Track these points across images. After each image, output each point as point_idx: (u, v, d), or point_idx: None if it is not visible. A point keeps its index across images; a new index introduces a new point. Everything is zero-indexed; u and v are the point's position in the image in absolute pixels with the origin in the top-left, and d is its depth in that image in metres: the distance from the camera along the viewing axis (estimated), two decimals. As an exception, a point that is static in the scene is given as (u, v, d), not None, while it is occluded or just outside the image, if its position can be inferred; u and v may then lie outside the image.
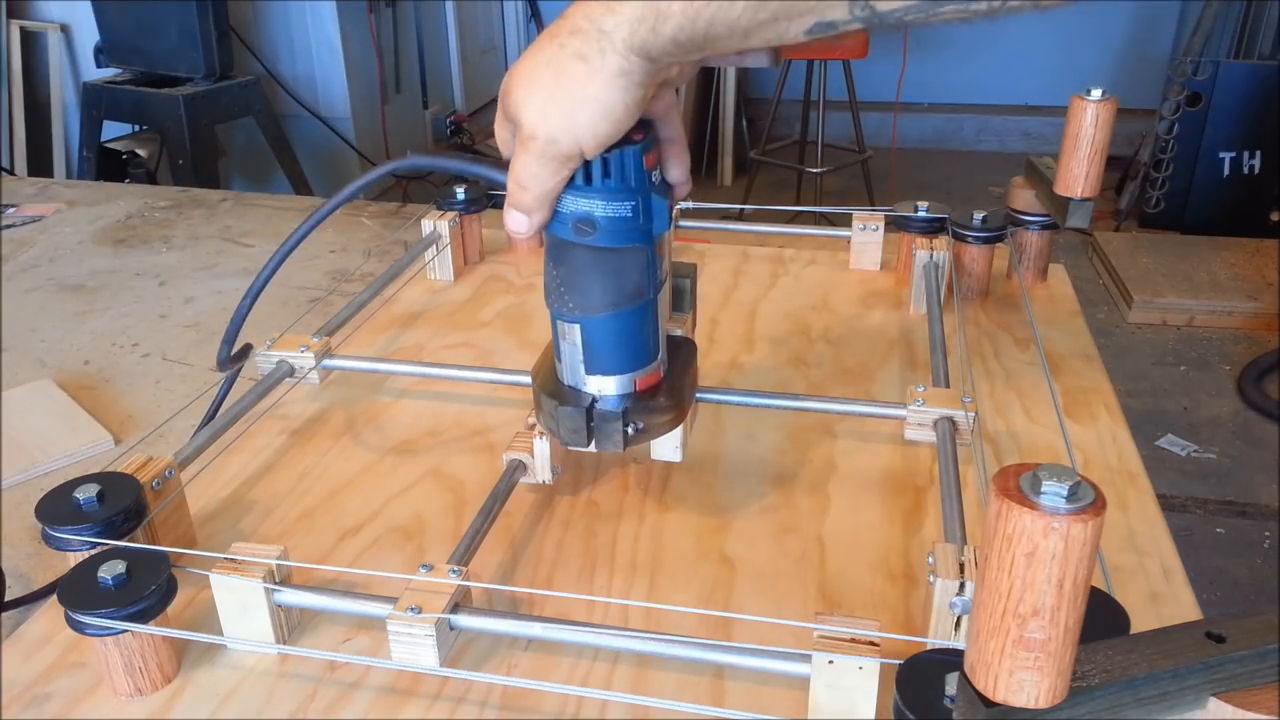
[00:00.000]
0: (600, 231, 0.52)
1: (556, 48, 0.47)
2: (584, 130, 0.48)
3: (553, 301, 0.57)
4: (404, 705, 0.53)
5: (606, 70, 0.46)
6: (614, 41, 0.45)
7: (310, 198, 1.43)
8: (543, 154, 0.49)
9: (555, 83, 0.47)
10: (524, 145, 0.49)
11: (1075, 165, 0.80)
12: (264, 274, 0.62)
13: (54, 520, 0.56)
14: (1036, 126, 4.33)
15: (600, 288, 0.55)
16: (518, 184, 0.50)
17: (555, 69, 0.47)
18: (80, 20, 3.26)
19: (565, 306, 0.56)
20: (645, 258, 0.55)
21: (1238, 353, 2.67)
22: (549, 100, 0.47)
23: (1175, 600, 0.59)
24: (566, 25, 0.47)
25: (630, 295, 0.55)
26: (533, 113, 0.48)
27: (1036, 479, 0.32)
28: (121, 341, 0.99)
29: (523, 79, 0.48)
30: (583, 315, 0.56)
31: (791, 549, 0.63)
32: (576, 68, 0.46)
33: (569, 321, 0.56)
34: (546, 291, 0.57)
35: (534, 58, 0.48)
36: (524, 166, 0.49)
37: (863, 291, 0.97)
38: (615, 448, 0.58)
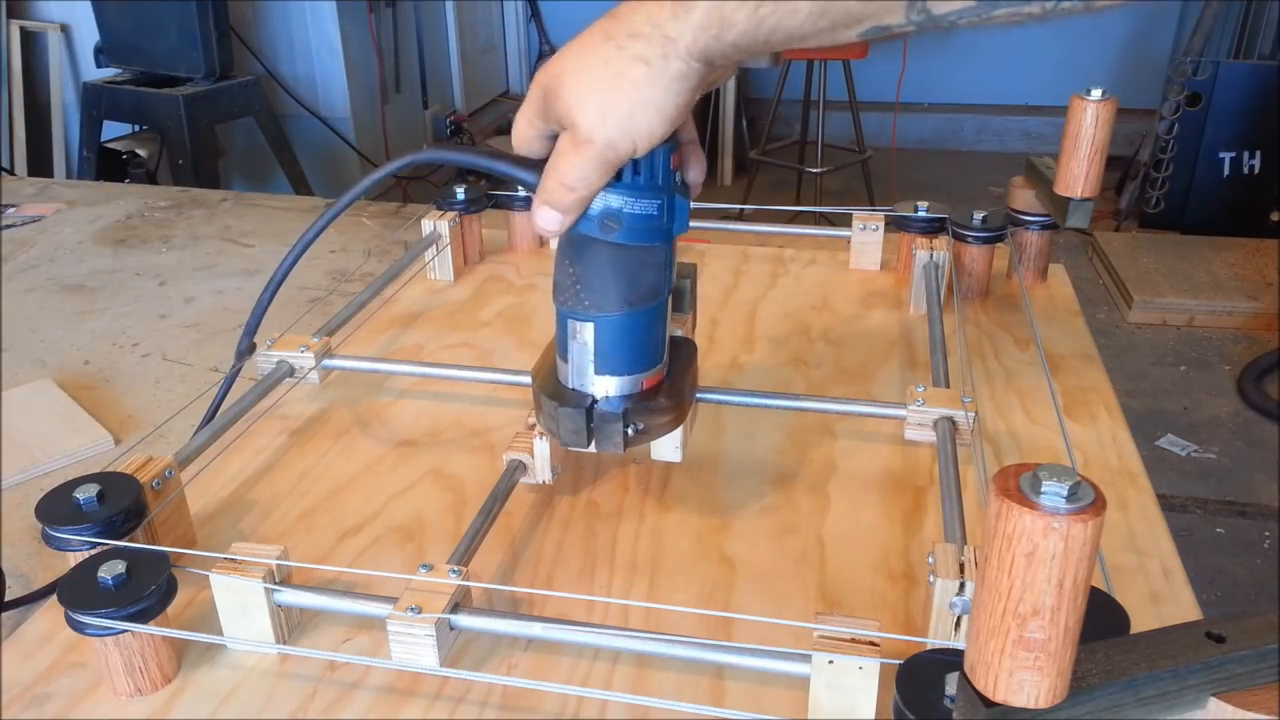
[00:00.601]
0: (625, 229, 0.53)
1: (614, 49, 0.46)
2: (641, 133, 0.48)
3: (567, 299, 0.56)
4: (404, 705, 0.53)
5: (668, 74, 0.46)
6: (678, 47, 0.46)
7: (310, 198, 1.43)
8: (599, 157, 0.49)
9: (614, 85, 0.47)
10: (578, 148, 0.48)
11: (1075, 165, 0.80)
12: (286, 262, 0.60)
13: (54, 520, 0.56)
14: (1036, 126, 4.33)
15: (618, 286, 0.55)
16: (564, 185, 0.50)
17: (614, 71, 0.46)
18: (80, 20, 3.26)
19: (580, 304, 0.56)
20: (664, 257, 0.55)
21: (1238, 353, 2.67)
22: (608, 103, 0.47)
23: (1175, 600, 0.59)
24: (623, 27, 0.46)
25: (646, 295, 0.55)
26: (590, 115, 0.48)
27: (1036, 479, 0.32)
28: (121, 341, 0.99)
29: (576, 79, 0.48)
30: (598, 314, 0.55)
31: (791, 549, 0.63)
32: (637, 71, 0.46)
33: (582, 320, 0.56)
34: (559, 289, 0.57)
35: (586, 58, 0.47)
36: (575, 168, 0.49)
37: (863, 291, 0.97)
38: (615, 449, 0.58)
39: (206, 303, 1.06)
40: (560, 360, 0.59)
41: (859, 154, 3.38)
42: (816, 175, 3.28)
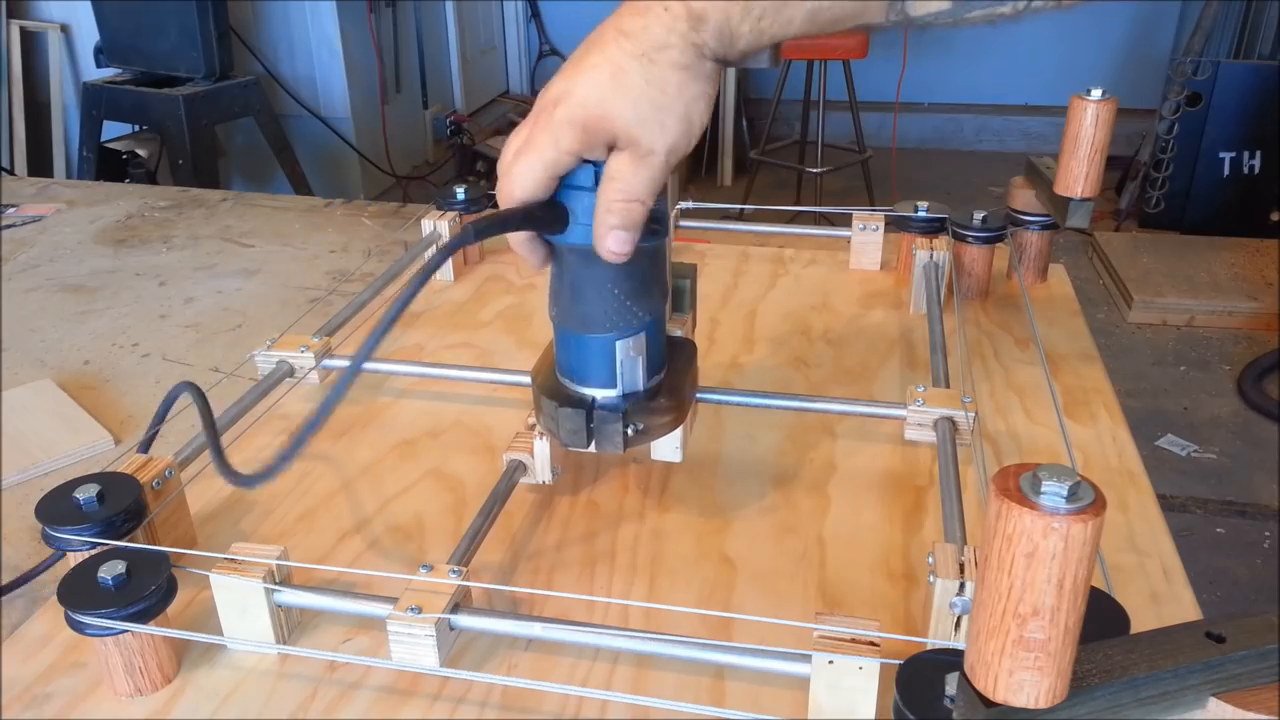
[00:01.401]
0: (664, 227, 0.54)
1: (648, 64, 0.49)
2: (695, 130, 0.51)
3: (618, 321, 0.55)
4: (404, 705, 0.53)
5: (703, 76, 0.50)
6: (705, 51, 0.49)
7: (310, 198, 1.43)
8: (663, 165, 0.51)
9: (664, 96, 0.49)
10: (643, 161, 0.50)
11: (1075, 165, 0.80)
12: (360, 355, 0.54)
13: (54, 520, 0.56)
14: (1036, 126, 4.33)
15: (659, 284, 0.56)
16: (636, 200, 0.51)
17: (660, 84, 0.49)
18: (80, 20, 3.26)
19: (633, 318, 0.55)
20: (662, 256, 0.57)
21: (1238, 353, 2.67)
22: (665, 113, 0.49)
23: (1175, 600, 0.59)
24: (649, 41, 0.48)
25: (664, 291, 0.57)
26: (651, 129, 0.49)
27: (1036, 479, 0.32)
28: (121, 341, 0.99)
29: (624, 102, 0.49)
30: (653, 318, 0.56)
31: (791, 549, 0.63)
32: (679, 77, 0.49)
33: (634, 334, 0.56)
34: (594, 319, 0.55)
35: (624, 80, 0.49)
36: (644, 182, 0.50)
37: (863, 291, 0.97)
38: (615, 449, 0.58)
39: (206, 303, 1.06)
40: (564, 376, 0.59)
41: (859, 154, 3.38)
42: (816, 175, 3.28)
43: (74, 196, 1.40)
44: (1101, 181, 0.81)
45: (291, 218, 1.30)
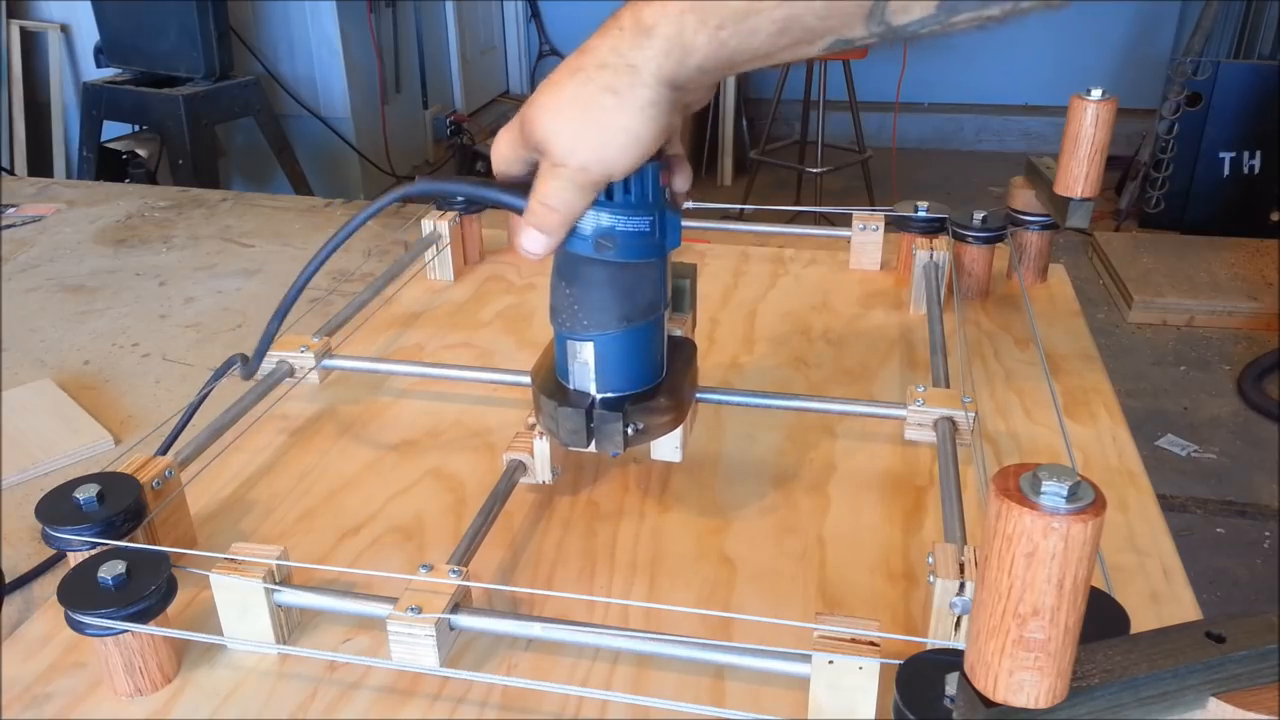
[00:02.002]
0: (619, 247, 0.53)
1: (583, 81, 0.48)
2: (614, 159, 0.50)
3: (565, 321, 0.57)
4: (404, 705, 0.53)
5: (637, 102, 0.48)
6: (643, 75, 0.47)
7: (310, 198, 1.43)
8: (573, 180, 0.50)
9: (586, 115, 0.49)
10: (554, 172, 0.50)
11: (1075, 165, 0.80)
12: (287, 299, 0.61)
13: (54, 520, 0.56)
14: (1036, 126, 4.33)
15: (616, 303, 0.56)
16: (546, 206, 0.51)
17: (584, 102, 0.48)
18: (80, 20, 3.26)
19: (579, 325, 0.56)
20: (658, 272, 0.56)
21: (1238, 353, 2.67)
22: (580, 132, 0.49)
23: (1175, 600, 0.59)
24: (591, 59, 0.48)
25: (644, 310, 0.56)
26: (563, 143, 0.50)
27: (1036, 479, 0.32)
28: (121, 341, 0.99)
29: (550, 112, 0.50)
30: (598, 332, 0.56)
31: (791, 549, 0.63)
32: (607, 100, 0.48)
33: (581, 340, 0.57)
34: (556, 312, 0.58)
35: (558, 92, 0.49)
36: (554, 191, 0.51)
37: (863, 291, 0.97)
38: (615, 449, 0.58)
39: (206, 303, 1.06)
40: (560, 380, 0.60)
41: (859, 154, 3.38)
42: (816, 175, 3.28)
43: (74, 196, 1.40)
44: (1101, 181, 0.81)
45: (291, 218, 1.30)
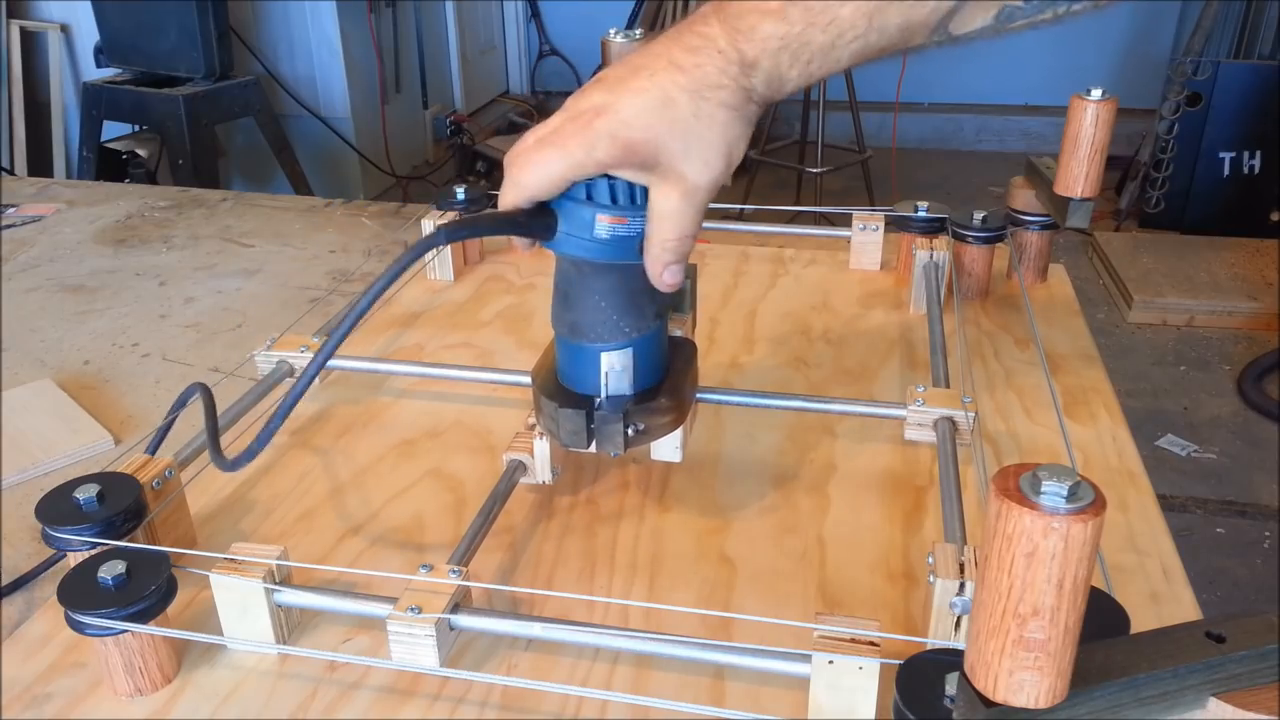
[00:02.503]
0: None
1: (698, 100, 0.49)
2: (733, 167, 0.52)
3: (602, 332, 0.56)
4: (404, 705, 0.53)
5: (748, 118, 0.51)
6: (754, 95, 0.50)
7: (310, 198, 1.43)
8: (707, 201, 0.52)
9: (711, 133, 0.50)
10: (689, 197, 0.51)
11: (1075, 165, 0.80)
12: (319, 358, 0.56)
13: (54, 520, 0.56)
14: (1036, 126, 4.33)
15: (649, 300, 0.56)
16: (685, 236, 0.52)
17: (706, 119, 0.50)
18: (80, 20, 3.26)
19: (619, 332, 0.56)
20: None
21: (1238, 353, 2.67)
22: (711, 150, 0.50)
23: (1175, 600, 0.59)
24: (703, 78, 0.49)
25: (669, 305, 0.58)
26: (697, 164, 0.51)
27: (1036, 479, 0.33)
28: (121, 341, 0.99)
29: (672, 133, 0.50)
30: (638, 335, 0.57)
31: (791, 549, 0.63)
32: (727, 116, 0.50)
33: (621, 348, 0.57)
34: (584, 328, 0.56)
35: (673, 110, 0.49)
36: (691, 218, 0.52)
37: (863, 291, 0.97)
38: (616, 449, 0.58)
39: (206, 303, 1.06)
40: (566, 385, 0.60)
41: (859, 154, 3.38)
42: (816, 175, 3.28)
43: (74, 196, 1.40)
44: (1101, 181, 0.81)
45: (291, 218, 1.30)
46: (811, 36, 0.48)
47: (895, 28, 0.48)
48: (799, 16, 0.48)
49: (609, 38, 0.82)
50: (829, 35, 0.48)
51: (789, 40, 0.48)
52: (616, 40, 0.81)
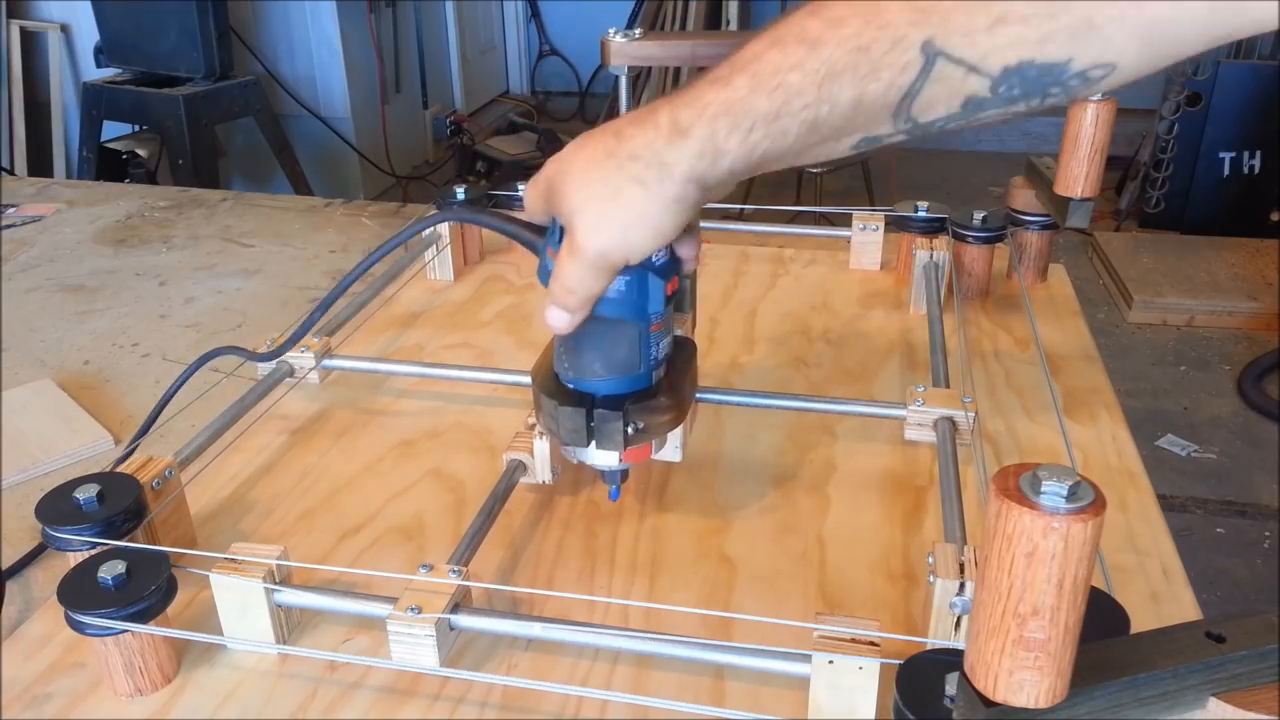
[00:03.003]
0: (603, 303, 0.54)
1: (614, 168, 0.49)
2: (634, 246, 0.51)
3: (558, 363, 0.59)
4: (404, 705, 0.53)
5: (664, 197, 0.49)
6: (673, 172, 0.48)
7: (310, 198, 1.43)
8: (593, 265, 0.51)
9: (611, 202, 0.49)
10: (574, 255, 0.51)
11: (1075, 165, 0.80)
12: None
13: (54, 520, 0.56)
14: (1036, 126, 4.32)
15: (590, 354, 0.57)
16: (565, 288, 0.53)
17: (612, 189, 0.49)
18: (80, 20, 3.26)
19: (563, 368, 0.58)
20: (636, 333, 0.56)
21: (1238, 353, 2.67)
22: (603, 217, 0.50)
23: (1175, 600, 0.59)
24: (626, 148, 0.49)
25: (620, 366, 0.57)
26: (585, 227, 0.50)
27: (1036, 479, 0.32)
28: (121, 341, 0.99)
29: (576, 190, 0.50)
30: (577, 379, 0.58)
31: (791, 549, 0.63)
32: (634, 191, 0.49)
33: (570, 385, 0.58)
34: (555, 353, 0.60)
35: (588, 172, 0.50)
36: (572, 274, 0.52)
37: (863, 291, 0.97)
38: (615, 448, 0.58)
39: (206, 303, 1.06)
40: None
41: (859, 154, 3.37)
42: (816, 175, 3.27)
43: (74, 196, 1.40)
44: (1101, 181, 0.81)
45: (291, 218, 1.30)
46: (755, 103, 0.45)
47: (848, 102, 0.44)
48: (744, 82, 0.46)
49: (609, 37, 0.82)
50: (775, 102, 0.45)
51: (730, 105, 0.46)
52: (616, 40, 0.81)
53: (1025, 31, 0.41)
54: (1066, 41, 0.40)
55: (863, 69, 0.43)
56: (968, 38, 0.41)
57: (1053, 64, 0.41)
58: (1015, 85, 0.42)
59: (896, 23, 0.42)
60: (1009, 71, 0.42)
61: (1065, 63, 0.41)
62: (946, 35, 0.42)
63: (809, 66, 0.44)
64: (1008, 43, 0.41)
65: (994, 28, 0.41)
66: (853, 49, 0.43)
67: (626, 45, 0.81)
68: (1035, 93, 0.42)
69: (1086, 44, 0.40)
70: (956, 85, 0.43)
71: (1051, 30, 0.40)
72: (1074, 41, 0.40)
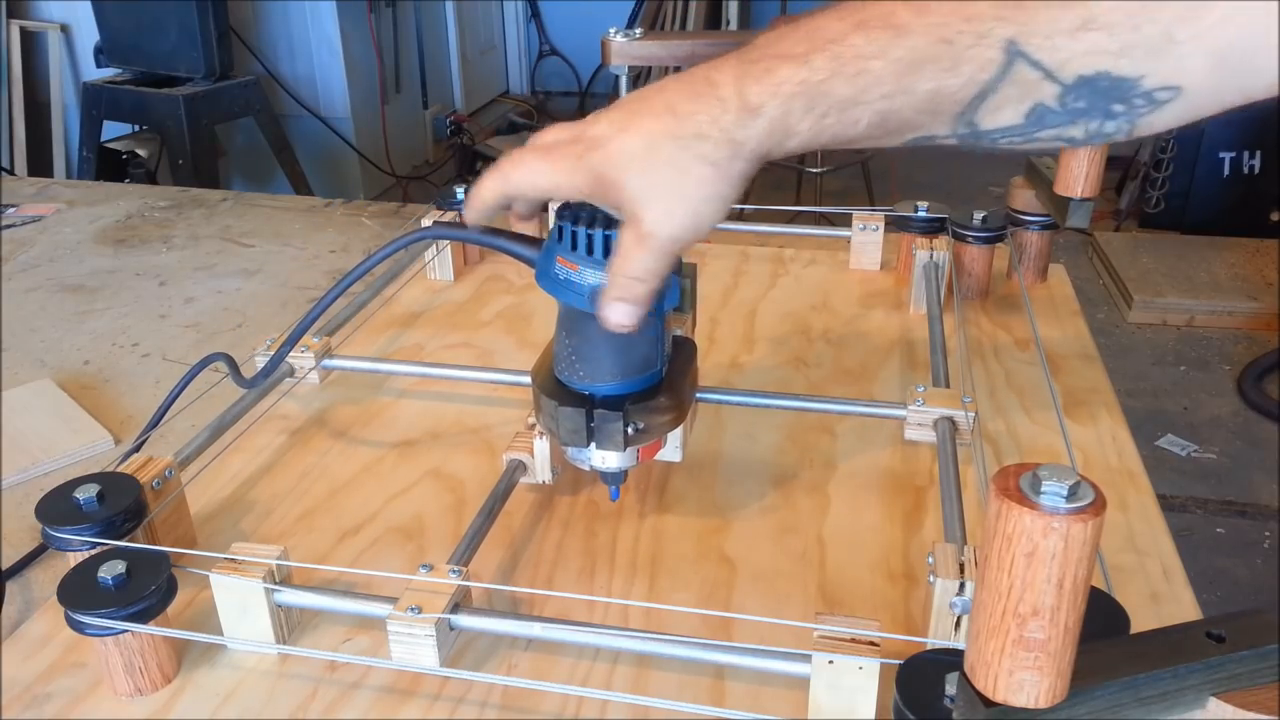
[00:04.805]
0: None
1: (679, 148, 0.47)
2: (704, 226, 0.49)
3: (563, 370, 0.58)
4: (404, 705, 0.53)
5: (733, 173, 0.48)
6: (744, 150, 0.47)
7: (310, 198, 1.43)
8: (663, 250, 0.50)
9: (681, 184, 0.48)
10: (643, 243, 0.50)
11: (1075, 165, 0.80)
12: None
13: (54, 520, 0.56)
14: (1036, 126, 4.32)
15: (611, 358, 0.56)
16: (633, 278, 0.51)
17: (679, 170, 0.48)
18: (80, 20, 3.26)
19: (576, 375, 0.57)
20: (654, 331, 0.56)
21: (1238, 353, 2.67)
22: (676, 201, 0.48)
23: (1175, 600, 0.59)
24: (689, 128, 0.47)
25: (638, 366, 0.57)
26: (656, 212, 0.49)
27: (1036, 479, 0.32)
28: (121, 341, 0.99)
29: (642, 176, 0.48)
30: (592, 384, 0.57)
31: (791, 549, 0.63)
32: (704, 171, 0.47)
33: (580, 390, 0.58)
34: (557, 359, 0.59)
35: (649, 157, 0.48)
36: (641, 263, 0.50)
37: (863, 291, 0.97)
38: (615, 448, 0.58)
39: (206, 303, 1.06)
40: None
41: (859, 154, 3.38)
42: (816, 175, 3.28)
43: (74, 196, 1.40)
44: (1101, 181, 0.81)
45: (291, 218, 1.30)
46: (834, 87, 0.44)
47: (924, 95, 0.43)
48: (824, 64, 0.44)
49: (609, 37, 0.82)
50: (854, 88, 0.44)
51: (809, 87, 0.44)
52: (616, 40, 0.82)
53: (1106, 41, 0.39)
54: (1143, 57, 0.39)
55: (945, 62, 0.42)
56: (1049, 40, 0.40)
57: (1124, 78, 0.40)
58: (1084, 98, 0.41)
59: (984, 16, 0.41)
60: (1082, 81, 0.41)
61: (1137, 79, 0.40)
62: (1029, 35, 0.41)
63: (892, 54, 0.43)
64: (1086, 49, 0.40)
65: (1078, 32, 0.40)
66: (937, 39, 0.42)
67: (626, 45, 0.81)
68: (1099, 109, 0.41)
69: (1161, 60, 0.39)
70: (1028, 90, 0.42)
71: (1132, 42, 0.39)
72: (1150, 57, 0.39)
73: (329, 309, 0.69)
